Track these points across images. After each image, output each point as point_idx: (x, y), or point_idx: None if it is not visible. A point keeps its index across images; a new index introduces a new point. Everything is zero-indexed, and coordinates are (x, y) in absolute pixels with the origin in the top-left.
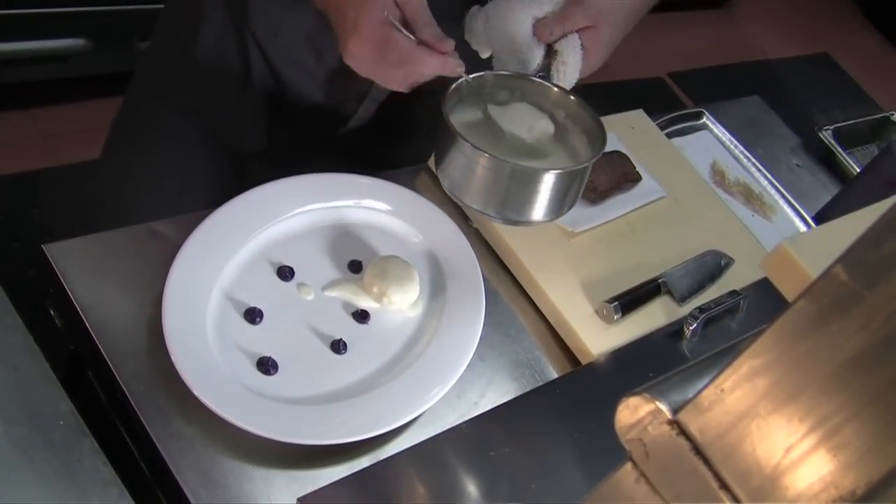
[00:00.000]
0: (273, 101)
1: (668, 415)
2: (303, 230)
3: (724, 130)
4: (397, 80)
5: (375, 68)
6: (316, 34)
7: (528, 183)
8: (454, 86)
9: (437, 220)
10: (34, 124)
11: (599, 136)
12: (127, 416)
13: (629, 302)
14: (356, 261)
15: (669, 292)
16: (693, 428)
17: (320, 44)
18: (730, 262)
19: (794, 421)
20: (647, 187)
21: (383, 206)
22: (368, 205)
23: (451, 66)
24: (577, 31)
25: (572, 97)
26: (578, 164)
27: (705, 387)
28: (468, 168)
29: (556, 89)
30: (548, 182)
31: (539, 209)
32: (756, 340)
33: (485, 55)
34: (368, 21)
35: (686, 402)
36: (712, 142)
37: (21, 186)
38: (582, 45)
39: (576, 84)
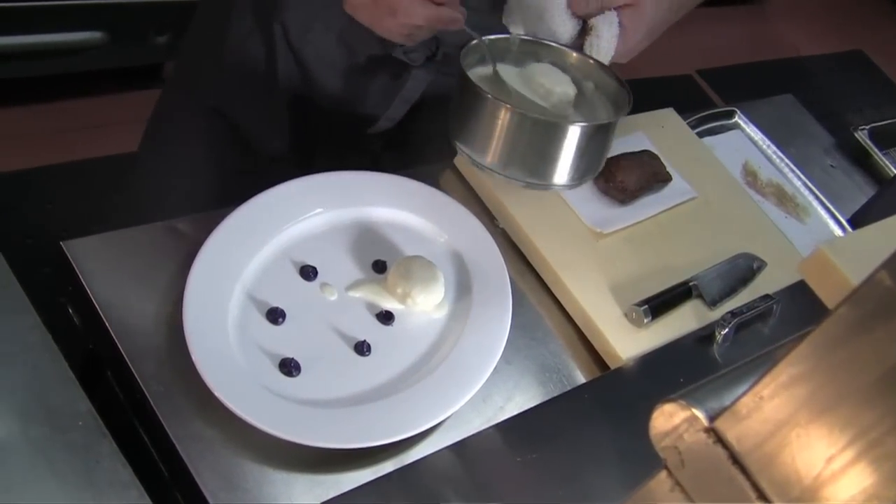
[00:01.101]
0: (299, 101)
1: (705, 422)
2: (326, 229)
3: (756, 130)
4: (394, 30)
5: (371, 17)
6: (348, 31)
7: (549, 138)
8: (473, 43)
9: (463, 219)
10: (49, 119)
11: (624, 99)
12: (146, 416)
13: (659, 305)
14: (380, 261)
15: (700, 296)
16: (730, 436)
17: (352, 41)
18: (762, 265)
19: (834, 431)
20: (678, 188)
21: (408, 204)
22: (393, 203)
23: (446, 16)
24: (615, 9)
25: (592, 61)
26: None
27: (743, 394)
28: (487, 123)
29: (578, 55)
30: (571, 137)
31: (561, 170)
32: (796, 347)
33: (517, 31)
34: None
35: (723, 410)
36: (744, 141)
37: (35, 182)
38: (620, 23)
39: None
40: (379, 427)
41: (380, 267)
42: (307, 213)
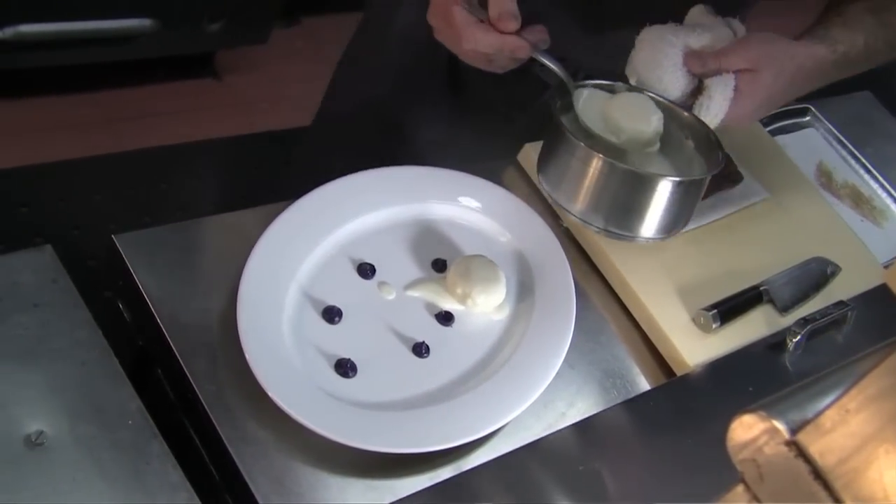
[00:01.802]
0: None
1: (786, 435)
2: (384, 226)
3: (831, 128)
4: (468, 55)
5: (448, 41)
6: None
7: (641, 190)
8: (571, 84)
9: (526, 218)
10: (98, 108)
11: (715, 161)
12: (197, 416)
13: (728, 310)
14: (440, 259)
15: (771, 301)
16: (813, 450)
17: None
18: (836, 270)
19: None
20: (749, 188)
21: (469, 202)
22: (454, 200)
23: (511, 45)
24: (734, 72)
25: (686, 113)
26: (694, 174)
27: (828, 406)
28: (574, 169)
29: (685, 114)
30: (663, 190)
31: (649, 223)
32: (885, 358)
33: (632, 81)
34: None
35: (805, 423)
36: (819, 140)
37: (83, 172)
38: (736, 87)
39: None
40: (436, 432)
41: (439, 266)
42: (365, 209)
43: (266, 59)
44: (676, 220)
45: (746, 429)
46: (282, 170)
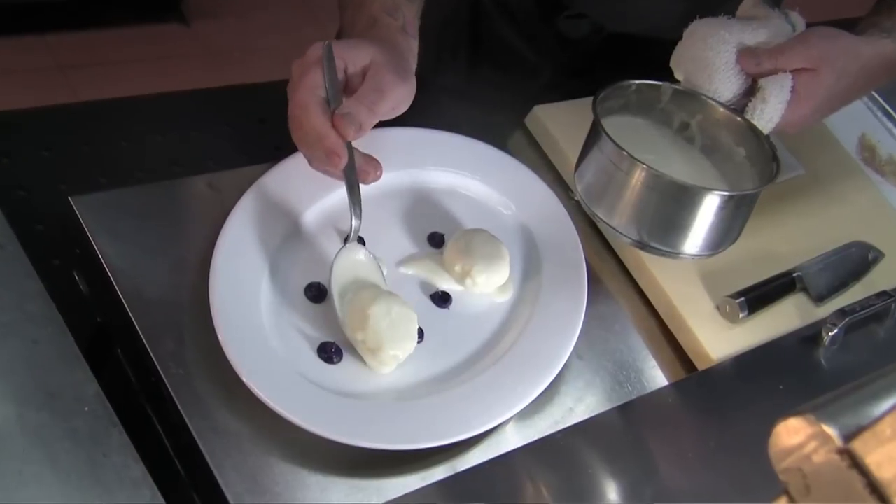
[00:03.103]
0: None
1: (839, 442)
2: (375, 194)
3: (876, 96)
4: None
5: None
6: None
7: (685, 204)
8: (615, 87)
9: (534, 188)
10: (49, 53)
11: (769, 173)
12: (162, 403)
13: (757, 298)
14: (437, 233)
15: (805, 289)
16: (870, 460)
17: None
18: (878, 256)
19: None
20: (782, 163)
21: (471, 169)
22: (453, 167)
23: (330, 143)
24: (791, 72)
25: (739, 118)
26: (745, 188)
27: (888, 412)
28: (615, 179)
29: (737, 118)
30: (710, 205)
31: (693, 239)
32: None
33: (678, 78)
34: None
35: (861, 429)
36: (861, 111)
37: (31, 125)
38: (793, 88)
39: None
40: (430, 426)
41: (436, 240)
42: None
43: (240, 3)
44: (724, 236)
45: (792, 434)
46: (257, 128)
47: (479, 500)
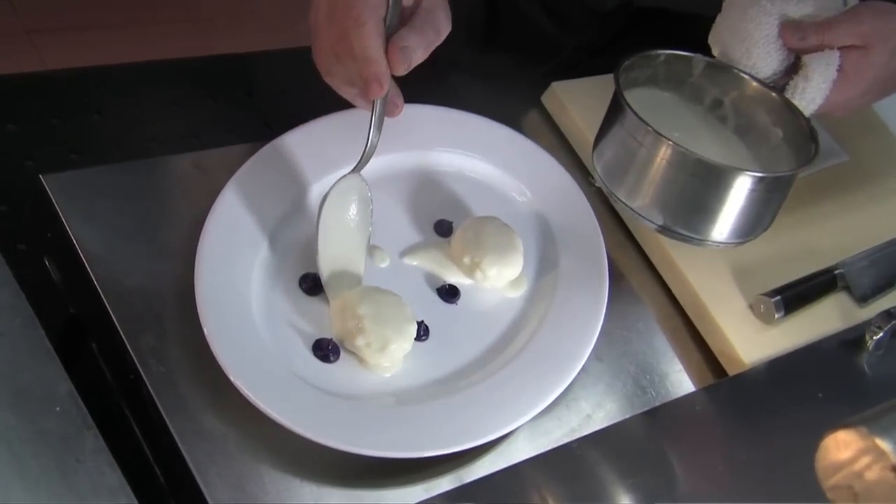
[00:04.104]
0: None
1: (894, 458)
2: (378, 177)
3: None
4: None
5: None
6: None
7: (714, 185)
8: (641, 56)
9: (550, 173)
10: (14, 16)
11: (808, 142)
12: (141, 404)
13: (794, 297)
14: (445, 221)
15: (847, 288)
16: None
17: None
18: None
19: None
20: (824, 148)
21: (482, 151)
22: (463, 148)
23: (377, 69)
24: (839, 49)
25: (778, 97)
26: (780, 170)
27: None
28: (637, 157)
29: (775, 97)
30: (742, 187)
31: (722, 225)
32: None
33: (714, 53)
34: None
35: None
36: None
37: None
38: (840, 67)
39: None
40: (434, 433)
41: (444, 229)
42: (354, 156)
43: None
44: (754, 223)
45: (842, 448)
46: (245, 102)
47: None
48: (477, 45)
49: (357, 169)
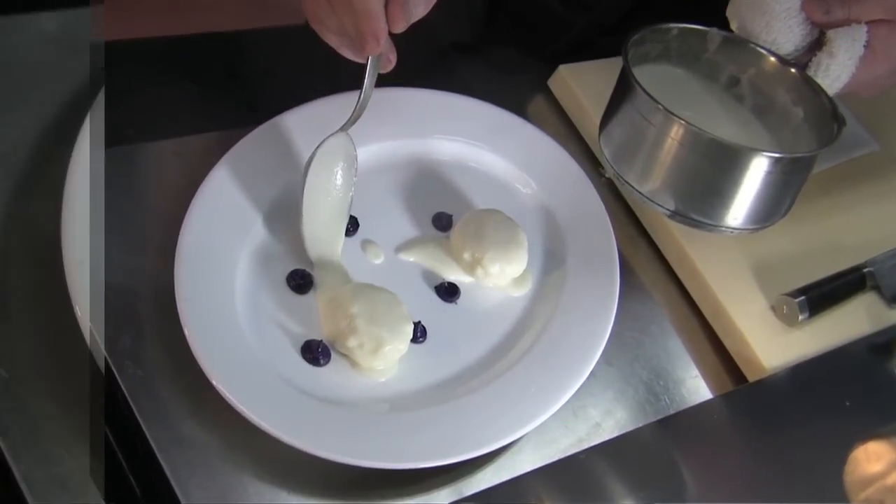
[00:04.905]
0: None
1: None
2: (372, 167)
3: None
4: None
5: None
6: None
7: (729, 166)
8: (652, 29)
9: (557, 162)
10: None
11: (829, 123)
12: (116, 408)
13: (820, 297)
14: (444, 214)
15: (877, 287)
16: None
17: None
18: None
19: None
20: (853, 137)
21: (484, 138)
22: (463, 136)
23: (375, 24)
24: (866, 24)
25: (798, 73)
26: (800, 151)
27: None
28: (647, 137)
29: (796, 74)
30: (758, 168)
31: (737, 209)
32: None
33: (732, 27)
34: None
35: None
36: None
37: None
38: (867, 43)
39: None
40: (431, 442)
41: (443, 223)
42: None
43: None
44: (772, 209)
45: (873, 460)
46: (226, 85)
47: None
48: (479, 24)
49: (345, 127)
